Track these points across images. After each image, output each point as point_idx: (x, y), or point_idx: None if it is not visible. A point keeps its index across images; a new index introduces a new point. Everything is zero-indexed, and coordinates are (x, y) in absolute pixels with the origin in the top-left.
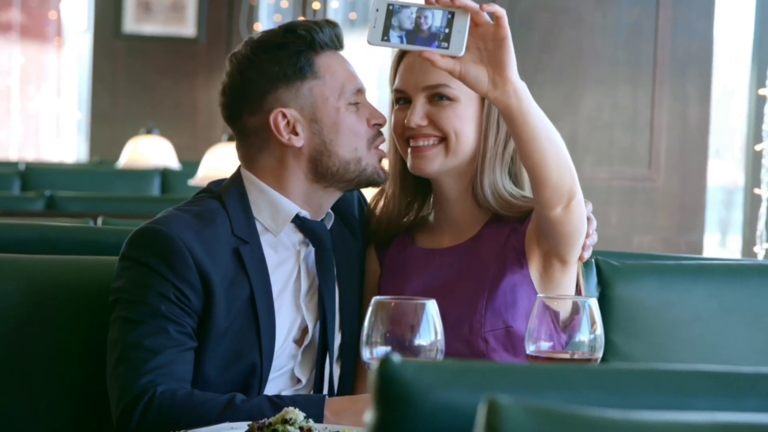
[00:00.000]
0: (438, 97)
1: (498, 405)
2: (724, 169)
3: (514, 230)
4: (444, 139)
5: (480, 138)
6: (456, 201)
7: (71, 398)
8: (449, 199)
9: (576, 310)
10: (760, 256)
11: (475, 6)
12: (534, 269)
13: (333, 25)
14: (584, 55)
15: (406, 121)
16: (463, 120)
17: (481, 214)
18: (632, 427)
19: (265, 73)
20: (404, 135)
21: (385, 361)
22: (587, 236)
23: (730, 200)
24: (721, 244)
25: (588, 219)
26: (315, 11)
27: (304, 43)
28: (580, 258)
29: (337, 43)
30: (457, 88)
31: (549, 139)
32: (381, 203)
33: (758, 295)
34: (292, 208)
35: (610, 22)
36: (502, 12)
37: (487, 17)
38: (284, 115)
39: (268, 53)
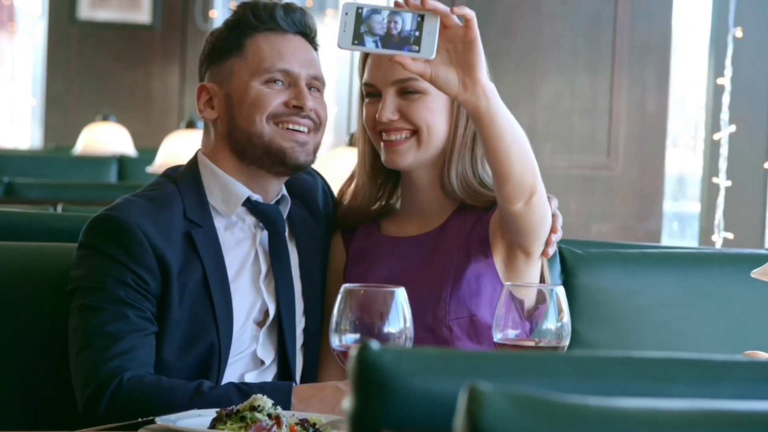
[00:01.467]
0: (408, 90)
1: (479, 392)
2: (681, 158)
3: (480, 219)
4: (416, 132)
5: (450, 129)
6: (425, 190)
7: (30, 387)
8: (418, 189)
9: (543, 298)
10: (718, 245)
11: (445, 8)
12: (498, 259)
13: (288, 7)
14: (543, 43)
15: (377, 115)
16: (434, 112)
17: (448, 203)
18: (612, 414)
19: (206, 51)
20: (376, 129)
21: (363, 347)
22: (553, 231)
23: (687, 189)
24: (679, 232)
25: (554, 215)
26: None
27: (239, 22)
28: (544, 254)
29: (285, 25)
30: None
31: (514, 138)
32: (349, 191)
33: (721, 282)
34: (243, 191)
35: (570, 9)
36: (471, 14)
37: (456, 19)
38: (207, 91)
39: (218, 30)
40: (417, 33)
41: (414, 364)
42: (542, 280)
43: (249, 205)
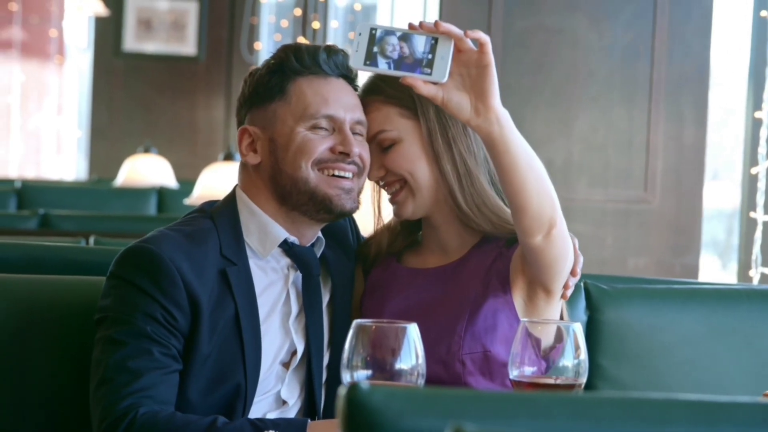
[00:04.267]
0: (382, 144)
1: None
2: (722, 192)
3: (500, 255)
4: (405, 182)
5: (434, 167)
6: (442, 227)
7: (54, 419)
8: (437, 227)
9: (560, 336)
10: (755, 280)
11: (459, 32)
12: (518, 296)
13: (331, 51)
14: (579, 76)
15: (368, 176)
16: (411, 159)
17: (470, 236)
18: None
19: (246, 93)
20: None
21: (353, 386)
22: (573, 275)
23: (729, 223)
24: (722, 267)
25: (575, 255)
26: (315, 30)
27: (281, 65)
28: (562, 296)
29: (328, 69)
30: (394, 129)
31: (530, 167)
32: (376, 239)
33: (748, 319)
34: (281, 233)
35: (606, 42)
36: (486, 39)
37: (470, 44)
38: (249, 134)
39: (259, 72)
40: (430, 56)
41: (403, 405)
42: (561, 314)
43: (285, 246)
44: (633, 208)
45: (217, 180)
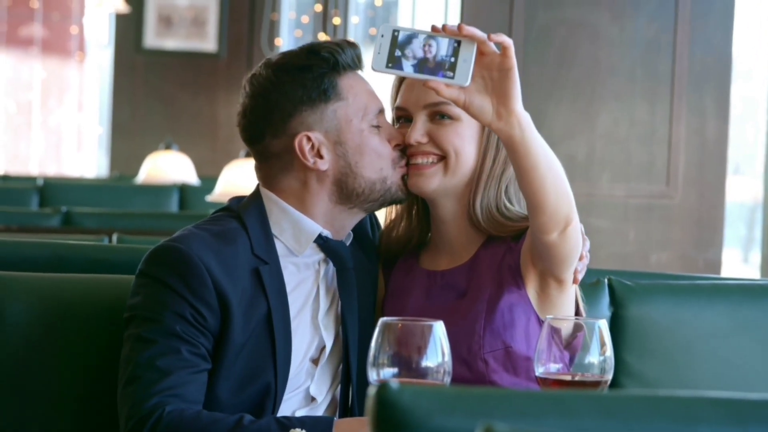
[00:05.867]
0: (439, 115)
1: None
2: (745, 185)
3: (509, 250)
4: (443, 158)
5: (479, 158)
6: (452, 223)
7: (83, 418)
8: (445, 221)
9: (584, 331)
10: None
11: (483, 35)
12: (531, 288)
13: (354, 46)
14: (601, 70)
15: (406, 137)
16: (464, 139)
17: (476, 235)
18: None
19: (290, 96)
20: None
21: (383, 386)
22: (581, 258)
23: (752, 216)
24: (744, 260)
25: (582, 239)
26: (335, 26)
27: (327, 65)
28: (574, 280)
29: (357, 64)
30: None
31: (549, 168)
32: (394, 228)
33: None
34: (315, 228)
35: (628, 36)
36: (509, 42)
37: (493, 47)
38: (309, 139)
39: (291, 76)
40: (453, 59)
41: (432, 404)
42: (577, 307)
43: (319, 241)
44: (655, 203)
45: (239, 177)
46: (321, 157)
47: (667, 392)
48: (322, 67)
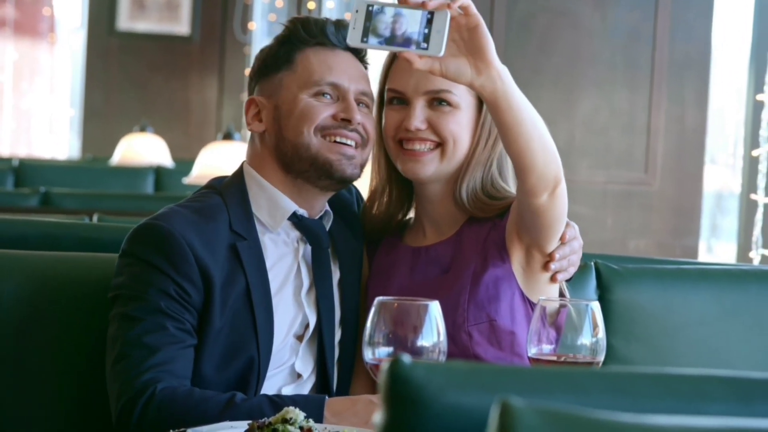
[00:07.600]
0: (439, 102)
1: (511, 407)
2: (718, 175)
3: (494, 226)
4: (440, 145)
5: (472, 145)
6: (438, 203)
7: (69, 396)
8: (431, 201)
9: (576, 313)
10: (756, 262)
11: (443, 2)
12: (516, 263)
13: (339, 24)
14: (582, 58)
15: (405, 123)
16: (462, 127)
17: (460, 213)
18: (644, 431)
19: (258, 64)
20: (397, 137)
21: (395, 361)
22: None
23: (723, 206)
24: (708, 249)
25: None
26: (310, 11)
27: (290, 36)
28: (552, 279)
29: (335, 41)
30: (458, 95)
31: (533, 124)
32: (374, 204)
33: (758, 299)
34: (290, 205)
35: (609, 25)
36: (466, 2)
37: (456, 10)
38: (255, 103)
39: (269, 45)
40: (426, 30)
41: (446, 379)
42: (561, 293)
43: (294, 219)
44: (634, 190)
45: (216, 159)
46: (260, 120)
47: (677, 370)
48: (284, 37)
